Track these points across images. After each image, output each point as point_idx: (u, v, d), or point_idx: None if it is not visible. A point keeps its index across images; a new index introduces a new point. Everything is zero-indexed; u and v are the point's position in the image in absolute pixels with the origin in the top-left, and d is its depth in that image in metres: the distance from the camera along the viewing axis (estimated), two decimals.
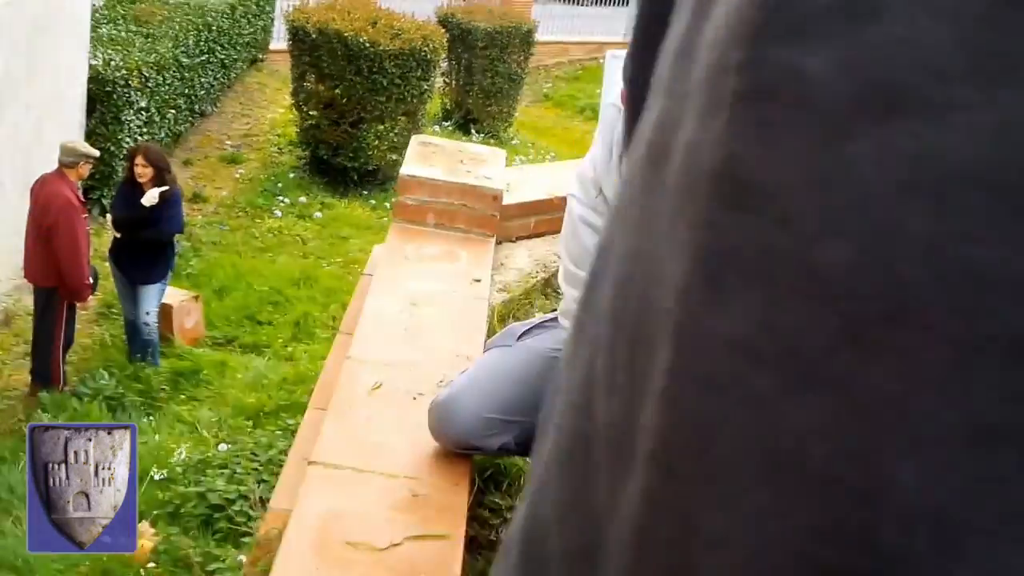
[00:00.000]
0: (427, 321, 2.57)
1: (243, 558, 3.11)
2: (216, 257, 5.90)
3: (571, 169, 3.83)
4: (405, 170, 3.10)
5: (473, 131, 9.38)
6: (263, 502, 3.71)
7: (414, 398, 2.26)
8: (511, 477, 2.44)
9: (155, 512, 3.35)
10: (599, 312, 0.44)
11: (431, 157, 3.24)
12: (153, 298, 5.02)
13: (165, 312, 4.77)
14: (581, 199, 2.00)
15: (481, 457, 2.39)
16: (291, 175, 7.46)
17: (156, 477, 3.70)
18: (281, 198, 7.00)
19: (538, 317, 2.34)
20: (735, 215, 0.34)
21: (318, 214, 6.82)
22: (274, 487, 3.67)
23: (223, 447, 3.81)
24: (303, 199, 7.04)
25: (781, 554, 0.33)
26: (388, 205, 7.33)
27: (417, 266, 2.87)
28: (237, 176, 7.36)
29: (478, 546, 2.09)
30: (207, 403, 4.36)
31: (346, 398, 2.24)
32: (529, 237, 3.41)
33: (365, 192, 7.50)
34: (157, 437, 4.01)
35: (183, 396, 4.44)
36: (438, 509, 1.95)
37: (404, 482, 2.01)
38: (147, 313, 4.98)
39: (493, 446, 2.05)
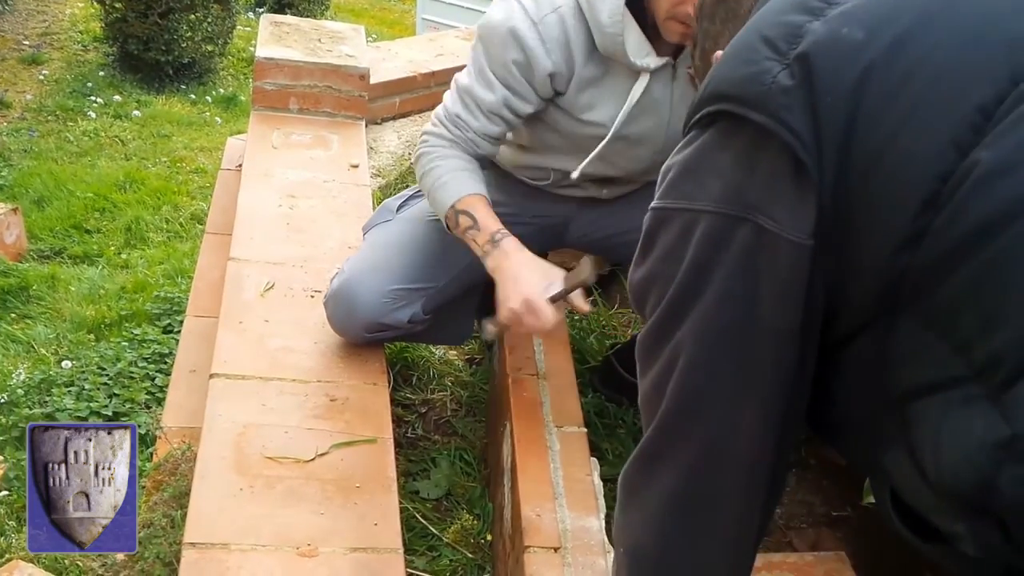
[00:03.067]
0: (309, 213, 2.38)
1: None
2: (30, 166, 5.40)
3: (424, 45, 3.63)
4: (261, 52, 2.83)
5: (290, 16, 8.89)
6: (117, 416, 3.47)
7: (311, 296, 2.10)
8: (420, 370, 2.33)
9: (0, 439, 3.08)
10: None
11: (286, 37, 2.98)
12: None
13: None
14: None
15: (391, 348, 2.26)
16: (101, 73, 6.87)
17: None
18: (93, 98, 6.44)
19: (409, 189, 2.21)
20: None
21: (136, 113, 6.33)
22: (127, 401, 3.45)
23: (66, 364, 3.54)
24: (117, 98, 6.51)
25: None
26: (209, 99, 6.90)
27: (287, 155, 2.65)
28: (41, 78, 6.72)
29: (396, 445, 1.97)
30: (41, 319, 4.03)
31: (236, 303, 2.05)
32: (395, 118, 3.22)
33: (183, 87, 7.01)
34: None
35: (13, 315, 4.08)
36: (360, 412, 1.82)
37: (318, 387, 1.86)
38: None
39: (403, 319, 1.94)
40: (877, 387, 0.92)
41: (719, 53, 1.06)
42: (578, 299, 1.81)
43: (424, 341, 2.30)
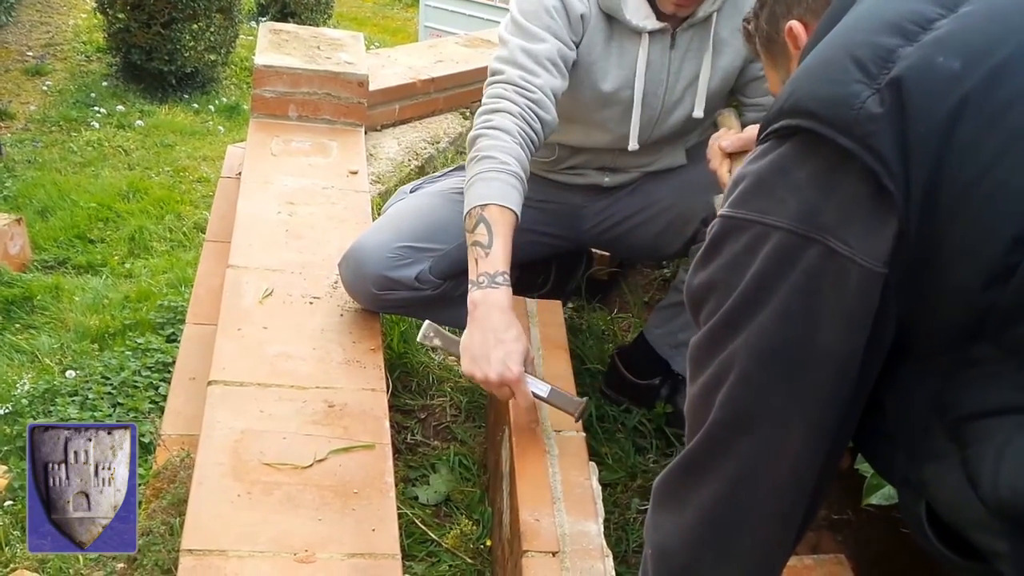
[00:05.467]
0: (308, 220, 2.38)
1: None
2: (34, 176, 5.42)
3: (424, 52, 3.64)
4: (260, 60, 2.84)
5: (289, 24, 8.91)
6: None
7: (310, 302, 2.10)
8: (419, 376, 2.33)
9: (5, 449, 3.10)
10: None
11: (285, 45, 2.99)
12: None
13: None
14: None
15: (390, 354, 2.26)
16: (104, 84, 6.90)
17: (0, 412, 3.42)
18: (96, 108, 6.46)
19: (423, 178, 2.27)
20: None
21: (139, 122, 6.35)
22: (130, 410, 3.45)
23: (70, 374, 3.55)
24: (120, 108, 6.53)
25: None
26: (212, 108, 6.92)
27: (286, 162, 2.65)
28: (44, 89, 6.75)
29: (395, 451, 1.97)
30: (45, 330, 4.04)
31: (235, 310, 2.05)
32: (395, 124, 3.22)
33: (186, 96, 7.03)
34: None
35: (17, 325, 4.09)
36: (358, 418, 1.82)
37: (316, 393, 1.86)
38: None
39: (410, 275, 1.98)
40: (937, 404, 0.91)
41: (793, 24, 1.05)
42: (567, 411, 1.80)
43: (436, 319, 2.34)
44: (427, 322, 1.88)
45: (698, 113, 2.00)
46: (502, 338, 1.70)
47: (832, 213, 0.89)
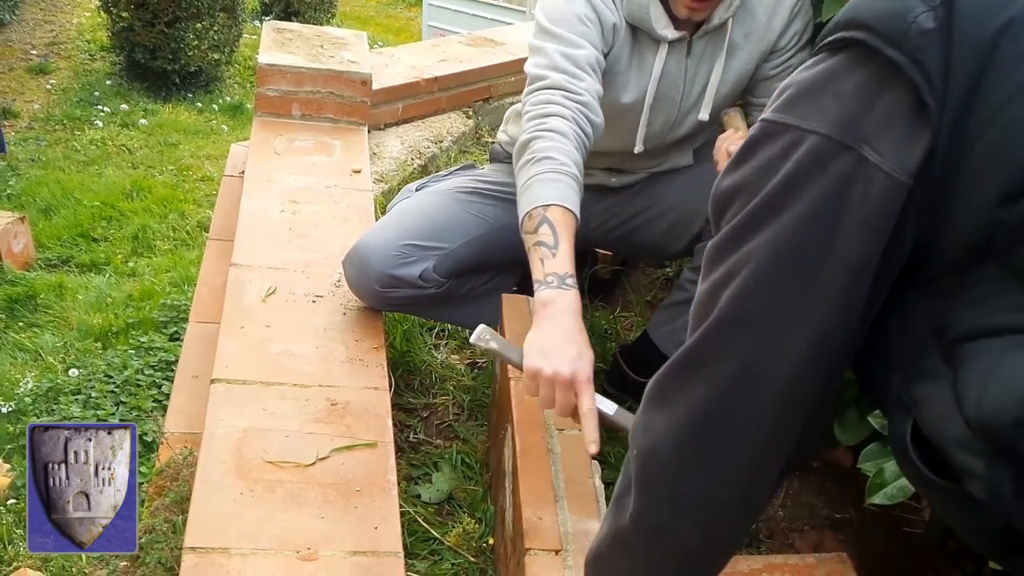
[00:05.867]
0: (311, 218, 2.39)
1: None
2: (37, 175, 5.42)
3: (427, 51, 3.64)
4: (263, 59, 2.84)
5: (293, 22, 8.92)
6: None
7: (312, 301, 2.10)
8: (422, 375, 2.33)
9: (8, 447, 3.10)
10: None
11: (288, 43, 2.99)
12: None
13: None
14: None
15: (393, 352, 2.26)
16: (108, 82, 6.90)
17: (4, 410, 3.43)
18: (100, 107, 6.47)
19: (428, 176, 2.30)
20: None
21: (143, 121, 6.35)
22: (133, 408, 3.45)
23: (74, 372, 3.56)
24: (124, 107, 6.53)
25: None
26: (216, 107, 6.92)
27: (290, 161, 2.65)
28: (48, 87, 6.76)
29: (398, 449, 1.97)
30: (49, 328, 4.04)
31: (238, 308, 2.05)
32: (398, 123, 3.23)
33: (189, 95, 7.03)
34: None
35: (21, 324, 4.09)
36: (360, 416, 1.82)
37: (319, 391, 1.86)
38: None
39: (414, 273, 1.99)
40: (937, 326, 0.92)
41: None
42: (598, 430, 1.57)
43: (439, 318, 2.35)
44: (481, 325, 1.70)
45: (703, 116, 2.01)
46: (575, 339, 1.58)
47: (871, 124, 0.89)
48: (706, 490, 1.02)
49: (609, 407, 1.58)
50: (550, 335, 1.58)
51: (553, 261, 1.63)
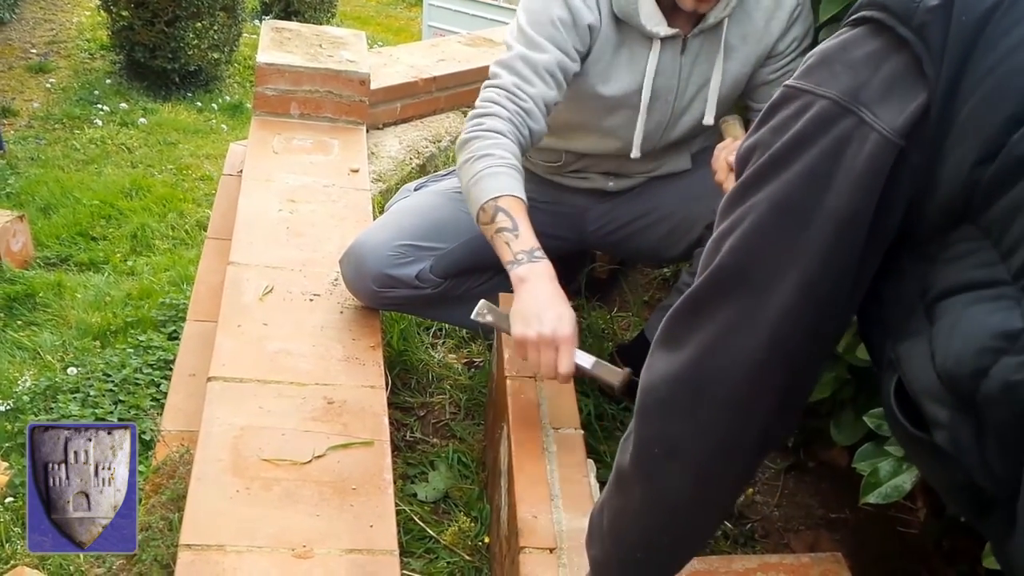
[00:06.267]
0: (309, 217, 2.39)
1: None
2: (37, 173, 5.42)
3: (426, 51, 3.64)
4: (261, 58, 2.84)
5: (291, 22, 8.91)
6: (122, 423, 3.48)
7: (310, 299, 2.11)
8: (419, 374, 2.33)
9: (6, 445, 3.10)
10: None
11: (287, 43, 2.99)
12: None
13: None
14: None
15: (390, 351, 2.27)
16: (108, 81, 6.90)
17: (2, 408, 3.42)
18: (100, 106, 6.47)
19: (427, 176, 2.33)
20: None
21: (142, 120, 6.35)
22: (132, 407, 3.45)
23: (72, 371, 3.55)
24: (124, 106, 6.54)
25: None
26: (215, 107, 6.92)
27: (288, 160, 2.66)
28: (48, 86, 6.76)
29: (394, 448, 1.97)
30: (47, 327, 4.04)
31: (235, 307, 2.06)
32: (397, 123, 3.23)
33: (189, 94, 7.03)
34: None
35: (19, 322, 4.09)
36: (357, 414, 1.83)
37: (315, 389, 1.87)
38: None
39: (411, 274, 2.00)
40: (921, 287, 0.97)
41: None
42: (609, 382, 1.78)
43: (436, 317, 2.36)
44: (482, 300, 1.88)
45: (708, 120, 2.00)
46: (554, 302, 1.71)
47: (873, 90, 0.95)
48: (693, 433, 1.07)
49: (587, 360, 1.75)
50: (531, 304, 1.71)
51: (518, 241, 1.76)
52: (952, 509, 1.37)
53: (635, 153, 2.02)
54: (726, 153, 1.86)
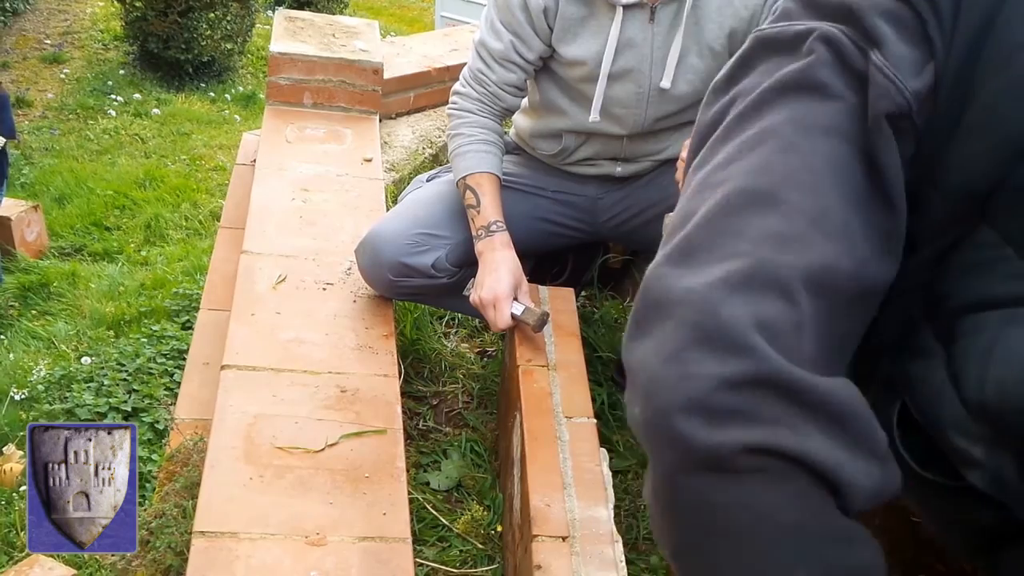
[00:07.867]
0: (322, 207, 2.39)
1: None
2: (51, 164, 5.45)
3: (439, 41, 3.64)
4: (275, 47, 2.84)
5: (305, 11, 8.92)
6: (136, 412, 3.49)
7: (323, 288, 2.11)
8: (432, 363, 2.33)
9: (21, 434, 3.11)
10: None
11: (300, 32, 2.99)
12: None
13: (3, 225, 4.36)
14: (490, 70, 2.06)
15: (403, 340, 2.27)
16: (121, 72, 6.93)
17: (17, 397, 3.44)
18: (113, 96, 6.50)
19: (441, 167, 2.36)
20: None
21: (155, 111, 6.38)
22: (145, 396, 3.46)
23: (86, 360, 3.57)
24: (137, 96, 6.56)
25: None
26: (228, 97, 6.94)
27: (301, 149, 2.66)
28: (62, 77, 6.79)
29: (407, 437, 1.98)
30: (62, 316, 4.07)
31: (249, 295, 2.06)
32: (409, 112, 3.23)
33: (202, 85, 7.06)
34: (12, 356, 3.71)
35: (34, 312, 4.12)
36: (370, 403, 1.83)
37: (329, 378, 1.87)
38: None
39: (427, 262, 2.02)
40: (928, 297, 0.88)
41: None
42: (527, 322, 1.98)
43: (450, 307, 2.36)
44: (472, 279, 2.04)
45: (665, 84, 1.96)
46: (498, 268, 1.95)
47: (882, 40, 0.85)
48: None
49: (518, 308, 1.97)
50: (481, 273, 1.98)
51: (479, 216, 2.00)
52: (954, 551, 1.22)
53: (593, 117, 2.01)
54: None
